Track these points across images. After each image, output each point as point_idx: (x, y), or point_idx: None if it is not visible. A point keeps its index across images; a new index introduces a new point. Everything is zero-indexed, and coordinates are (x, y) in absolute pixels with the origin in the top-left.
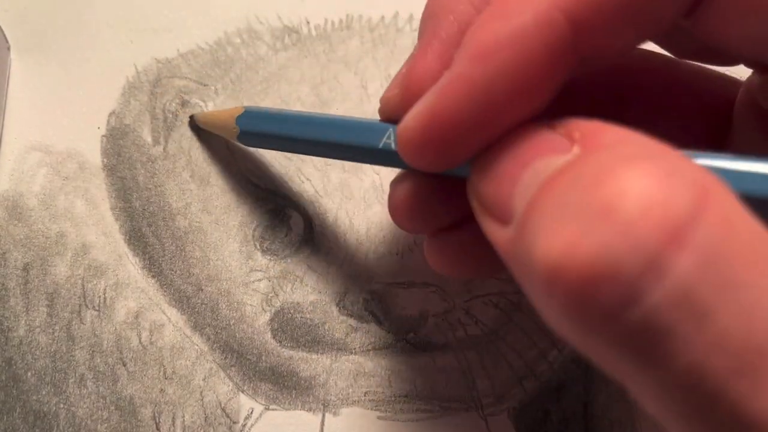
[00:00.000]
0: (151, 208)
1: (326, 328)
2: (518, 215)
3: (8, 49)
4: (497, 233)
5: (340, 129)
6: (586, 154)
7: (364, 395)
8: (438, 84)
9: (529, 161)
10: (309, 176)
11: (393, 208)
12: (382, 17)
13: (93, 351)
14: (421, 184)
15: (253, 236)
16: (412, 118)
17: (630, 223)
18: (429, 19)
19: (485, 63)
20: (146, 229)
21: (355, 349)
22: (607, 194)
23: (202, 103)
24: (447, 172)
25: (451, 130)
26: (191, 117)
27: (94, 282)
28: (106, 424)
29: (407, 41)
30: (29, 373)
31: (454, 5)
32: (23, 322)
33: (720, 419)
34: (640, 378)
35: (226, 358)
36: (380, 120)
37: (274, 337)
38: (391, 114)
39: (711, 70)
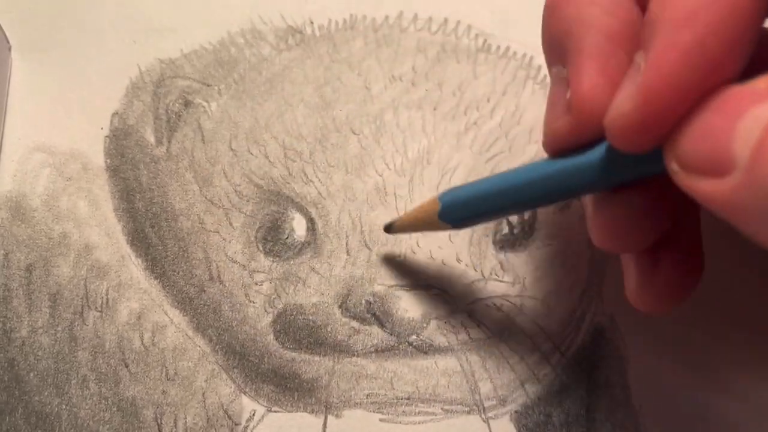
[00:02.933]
0: (153, 209)
1: (328, 330)
2: (743, 159)
3: (9, 49)
4: (713, 188)
5: (539, 168)
6: None
7: (367, 397)
8: (643, 63)
9: (744, 110)
10: (312, 178)
11: (599, 231)
12: (386, 17)
13: (95, 352)
14: (625, 202)
15: (256, 238)
16: (625, 100)
17: None
18: (565, 39)
19: (694, 24)
20: (149, 230)
21: (357, 351)
22: None
23: (205, 104)
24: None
25: (670, 102)
26: (387, 226)
27: (97, 283)
28: (108, 426)
29: (411, 42)
30: (31, 374)
31: (592, 19)
32: (26, 322)
33: None
34: None
35: (228, 359)
36: (548, 152)
37: (276, 339)
38: (563, 143)
39: None
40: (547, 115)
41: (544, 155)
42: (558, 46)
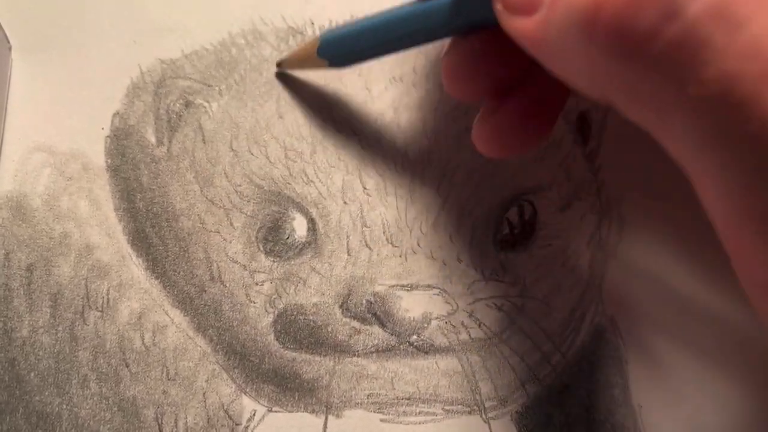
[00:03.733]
0: (154, 209)
1: (329, 330)
2: None
3: (10, 49)
4: (526, 25)
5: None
6: None
7: (367, 398)
8: None
9: None
10: (313, 178)
11: (447, 74)
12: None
13: (96, 352)
14: (468, 49)
15: (257, 238)
16: None
17: None
18: None
19: None
20: (150, 230)
21: (358, 351)
22: None
23: (206, 104)
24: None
25: None
26: (278, 65)
27: (98, 283)
28: (108, 425)
29: None
30: (32, 374)
31: None
32: (26, 322)
33: (749, 132)
34: (671, 108)
35: (229, 359)
36: None
37: (277, 339)
38: None
39: None
40: None
41: None
42: None
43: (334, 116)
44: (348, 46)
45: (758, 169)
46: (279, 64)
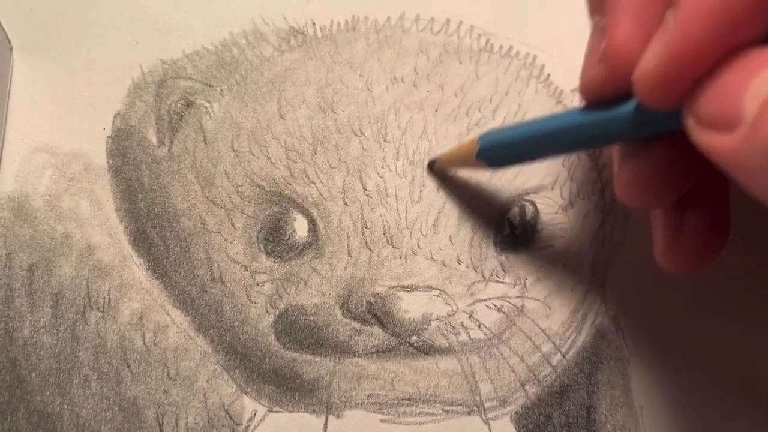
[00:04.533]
0: (155, 210)
1: (329, 330)
2: (750, 116)
3: (11, 49)
4: (720, 142)
5: (574, 116)
6: None
7: (367, 398)
8: (671, 21)
9: (757, 71)
10: (313, 179)
11: (625, 186)
12: (388, 18)
13: (97, 352)
14: (648, 157)
15: (258, 238)
16: (651, 58)
17: None
18: None
19: None
20: (151, 231)
21: (358, 351)
22: None
23: (207, 104)
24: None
25: (692, 62)
26: (431, 163)
27: (99, 283)
28: (109, 425)
29: (413, 43)
30: (33, 374)
31: None
32: (28, 322)
33: None
34: None
35: (229, 359)
36: (583, 98)
37: (277, 339)
38: (598, 91)
39: None
40: (584, 63)
41: None
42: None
43: (335, 117)
44: (511, 151)
45: None
46: (431, 166)
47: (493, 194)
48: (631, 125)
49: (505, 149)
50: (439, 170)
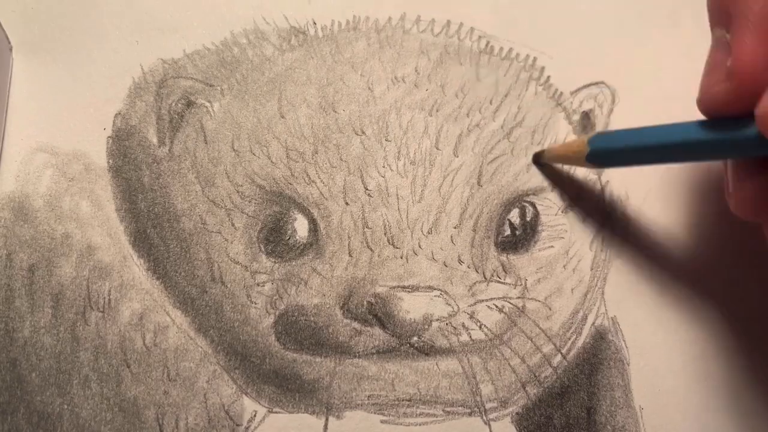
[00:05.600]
0: (156, 210)
1: (330, 331)
2: None
3: (10, 49)
4: None
5: (693, 131)
6: None
7: (368, 399)
8: None
9: None
10: (314, 179)
11: (745, 203)
12: (389, 19)
13: (97, 352)
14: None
15: (258, 238)
16: None
17: None
18: (731, 2)
19: None
20: (151, 231)
21: (358, 352)
22: None
23: (207, 104)
24: None
25: None
26: (536, 155)
27: (99, 283)
28: (109, 426)
29: (414, 43)
30: (33, 374)
31: None
32: (28, 323)
33: None
34: None
35: (230, 360)
36: (702, 112)
37: (278, 340)
38: (720, 108)
39: None
40: (707, 78)
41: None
42: (723, 7)
43: (336, 116)
44: (621, 157)
45: None
46: (537, 158)
47: (494, 195)
48: (755, 146)
49: (616, 155)
50: (543, 162)
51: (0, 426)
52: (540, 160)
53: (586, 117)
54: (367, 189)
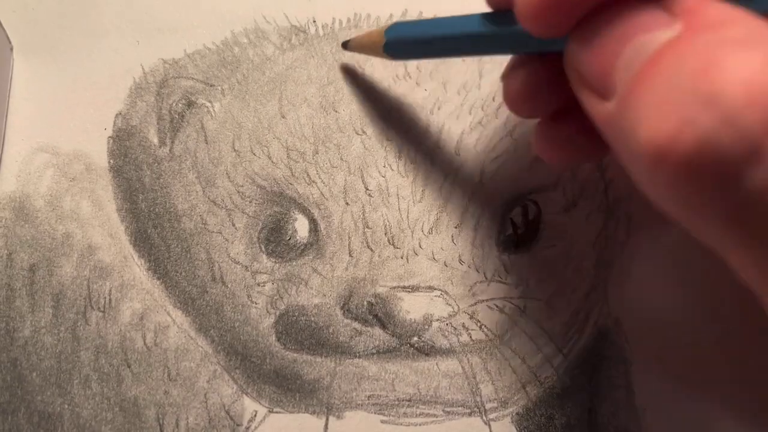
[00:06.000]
0: (156, 210)
1: (330, 331)
2: (621, 91)
3: (11, 49)
4: (596, 107)
5: (474, 23)
6: (689, 35)
7: (368, 399)
8: None
9: (631, 35)
10: (315, 179)
11: (509, 94)
12: (390, 16)
13: (98, 352)
14: (532, 70)
15: (259, 239)
16: None
17: (733, 111)
18: None
19: None
20: (152, 231)
21: (359, 352)
22: (711, 82)
23: (208, 104)
24: (553, 46)
25: None
26: (343, 44)
27: (100, 283)
28: (110, 426)
29: None
30: (34, 374)
31: None
32: (29, 322)
33: None
34: (733, 247)
35: (230, 360)
36: (488, 4)
37: (278, 340)
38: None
39: None
40: None
41: None
42: None
43: (336, 116)
44: (414, 48)
45: None
46: (345, 45)
47: (496, 194)
48: (524, 43)
49: (409, 45)
50: (350, 50)
51: (1, 425)
52: (347, 48)
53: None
54: (367, 189)
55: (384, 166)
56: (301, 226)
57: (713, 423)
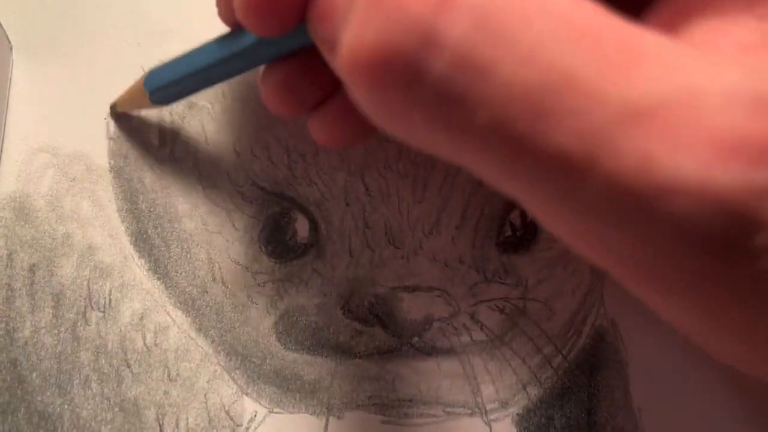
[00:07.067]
0: (157, 210)
1: (331, 331)
2: (342, 44)
3: (11, 49)
4: (334, 62)
5: (219, 48)
6: None
7: (369, 399)
8: None
9: None
10: (315, 180)
11: (268, 97)
12: None
13: (98, 352)
14: (287, 69)
15: (259, 239)
16: None
17: (399, 4)
18: None
19: None
20: (152, 231)
21: (359, 352)
22: None
23: (209, 105)
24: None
25: None
26: (111, 107)
27: (100, 283)
28: (109, 426)
29: None
30: (34, 374)
31: None
32: (29, 322)
33: (529, 162)
34: (455, 144)
35: (230, 360)
36: (226, 24)
37: (278, 340)
38: (229, 18)
39: None
40: None
41: None
42: None
43: None
44: (178, 89)
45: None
46: (113, 108)
47: (495, 195)
48: (265, 50)
49: (171, 89)
50: (120, 114)
51: (0, 426)
52: (117, 111)
53: None
54: (367, 189)
55: (384, 167)
56: (301, 227)
57: (709, 424)
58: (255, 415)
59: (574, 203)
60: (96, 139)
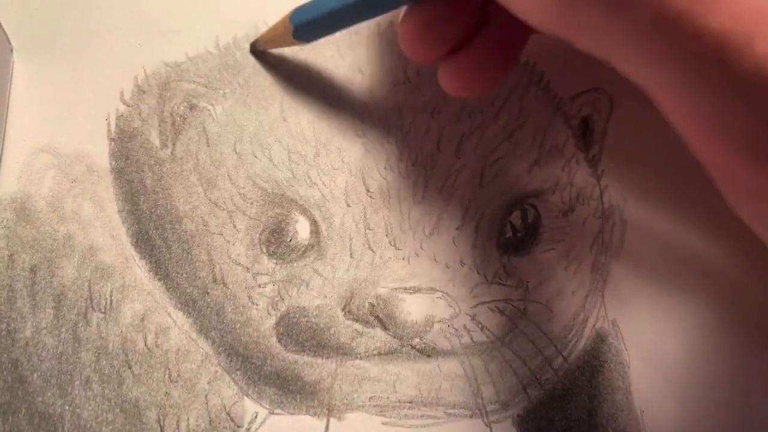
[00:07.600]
0: (158, 211)
1: (331, 332)
2: None
3: (11, 50)
4: None
5: None
6: None
7: (369, 400)
8: None
9: None
10: (316, 181)
11: (406, 38)
12: (391, 23)
13: (99, 353)
14: (423, 13)
15: (260, 240)
16: None
17: None
18: None
19: None
20: (153, 232)
21: (360, 353)
22: None
23: (210, 107)
24: None
25: None
26: (252, 44)
27: (101, 284)
28: (110, 427)
29: None
30: (35, 375)
31: None
32: (30, 323)
33: (686, 44)
34: (614, 31)
35: (231, 361)
36: None
37: (279, 341)
38: None
39: None
40: None
41: None
42: None
43: (338, 119)
44: (321, 26)
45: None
46: (253, 47)
47: (495, 196)
48: None
49: (314, 26)
50: (260, 51)
51: (1, 427)
52: (257, 48)
53: (585, 122)
54: (368, 191)
55: (385, 168)
56: (302, 228)
57: (711, 425)
58: (255, 417)
59: (725, 83)
60: (97, 139)
